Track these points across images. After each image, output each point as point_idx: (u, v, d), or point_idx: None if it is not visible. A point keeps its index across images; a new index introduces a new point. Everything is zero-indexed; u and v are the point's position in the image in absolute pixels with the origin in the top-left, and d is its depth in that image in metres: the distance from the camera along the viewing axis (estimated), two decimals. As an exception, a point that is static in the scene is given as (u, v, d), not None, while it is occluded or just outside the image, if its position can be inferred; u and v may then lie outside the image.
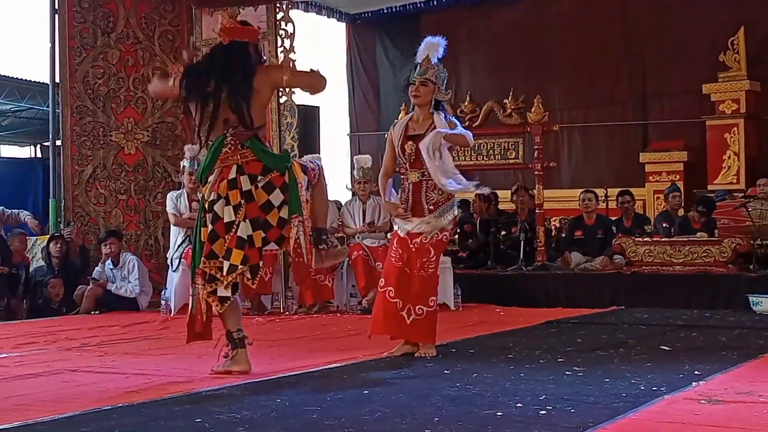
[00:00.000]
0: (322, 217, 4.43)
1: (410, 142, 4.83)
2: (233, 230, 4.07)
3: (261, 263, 4.17)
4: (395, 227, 4.90)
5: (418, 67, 4.89)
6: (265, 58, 4.39)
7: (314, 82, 4.36)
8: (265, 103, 4.31)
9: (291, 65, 4.47)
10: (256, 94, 4.16)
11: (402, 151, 4.87)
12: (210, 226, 4.10)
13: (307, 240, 4.21)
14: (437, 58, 4.87)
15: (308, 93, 4.74)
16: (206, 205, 4.14)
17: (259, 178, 4.11)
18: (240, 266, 4.07)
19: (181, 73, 4.24)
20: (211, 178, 4.14)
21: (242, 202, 4.06)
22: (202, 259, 4.13)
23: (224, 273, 4.08)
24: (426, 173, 4.78)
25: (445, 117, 4.86)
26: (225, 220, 4.07)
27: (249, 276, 4.14)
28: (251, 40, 4.33)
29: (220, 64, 4.19)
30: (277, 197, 4.12)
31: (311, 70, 4.37)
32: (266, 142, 4.27)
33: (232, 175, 4.08)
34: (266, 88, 4.25)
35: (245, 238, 4.06)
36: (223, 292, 4.11)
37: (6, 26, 15.61)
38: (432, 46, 4.87)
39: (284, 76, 4.27)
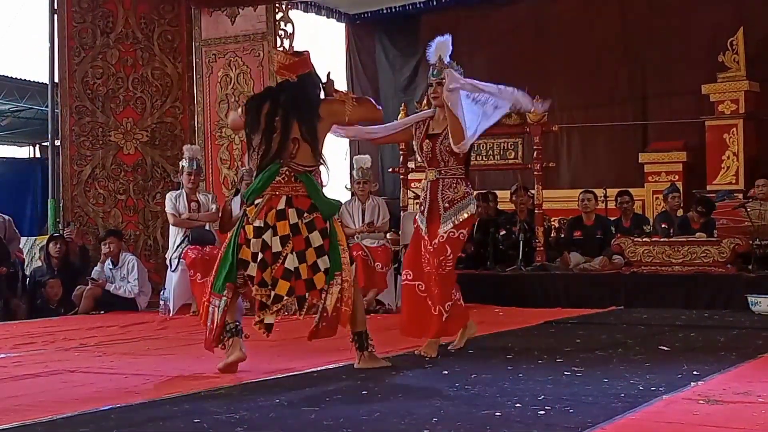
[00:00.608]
0: (363, 321, 4.42)
1: (428, 141, 4.90)
2: (280, 261, 4.12)
3: (308, 295, 4.16)
4: (420, 223, 4.90)
5: (433, 69, 4.94)
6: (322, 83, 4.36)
7: (372, 114, 4.44)
8: (321, 138, 4.27)
9: (351, 98, 4.29)
10: (321, 128, 4.23)
11: (420, 150, 4.94)
12: (260, 255, 4.15)
13: (334, 304, 4.17)
14: (449, 57, 4.92)
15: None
16: (250, 229, 4.18)
17: (305, 214, 4.16)
18: (285, 297, 4.13)
19: (245, 104, 4.37)
20: (258, 202, 4.19)
21: (290, 234, 4.12)
22: (256, 287, 4.18)
23: (270, 302, 4.14)
24: (443, 171, 4.85)
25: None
26: (273, 250, 4.13)
27: (297, 306, 4.19)
28: (311, 69, 4.32)
29: (290, 97, 4.21)
30: (316, 239, 4.15)
31: (366, 99, 4.46)
32: (319, 181, 4.28)
33: (281, 206, 4.14)
34: (327, 123, 4.28)
35: (292, 270, 4.11)
36: (269, 319, 4.18)
37: (5, 26, 15.58)
38: (441, 46, 4.93)
39: (347, 111, 4.27)
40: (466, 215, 4.83)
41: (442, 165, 4.86)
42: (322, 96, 4.32)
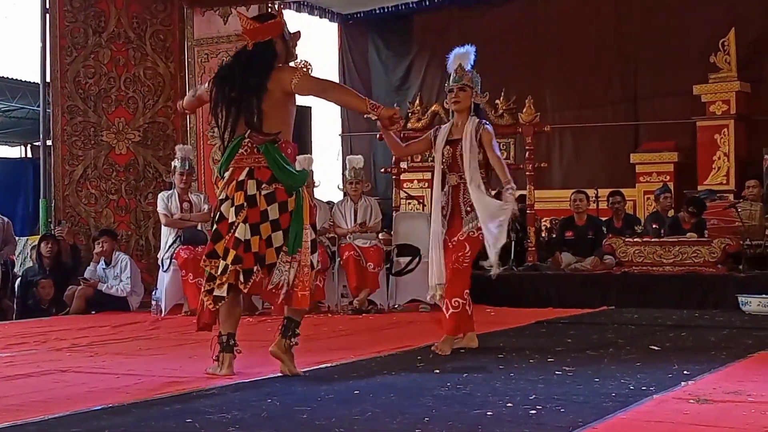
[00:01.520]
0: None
1: (448, 147, 4.98)
2: (233, 230, 4.01)
3: (256, 268, 4.04)
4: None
5: (452, 75, 5.04)
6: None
7: (335, 93, 4.22)
8: (279, 107, 4.08)
9: (304, 67, 4.06)
10: (268, 96, 4.04)
11: (441, 155, 5.01)
12: (215, 226, 4.10)
13: (289, 284, 4.03)
14: (470, 65, 5.02)
15: (332, 103, 4.53)
16: (218, 203, 4.13)
17: (264, 185, 4.02)
18: (230, 265, 3.99)
19: (210, 79, 4.25)
20: (226, 175, 4.11)
21: (245, 204, 4.01)
22: (203, 257, 4.12)
23: (219, 272, 4.03)
24: (463, 177, 4.93)
25: (481, 122, 4.98)
26: (228, 221, 4.04)
27: (242, 279, 4.05)
28: (275, 35, 4.14)
29: (242, 67, 4.09)
30: (273, 211, 4.02)
31: (330, 81, 4.27)
32: (287, 151, 4.09)
33: (242, 177, 4.04)
34: (277, 91, 4.05)
35: (242, 240, 4.00)
36: (217, 291, 4.06)
37: (-3, 26, 15.55)
38: (463, 56, 5.06)
39: (293, 80, 4.03)
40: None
41: (462, 170, 4.94)
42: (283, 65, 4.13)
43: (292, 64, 4.15)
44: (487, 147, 4.89)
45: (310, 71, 4.08)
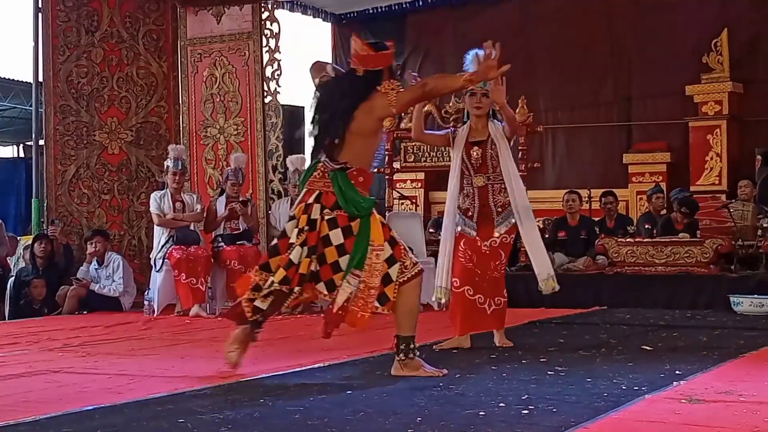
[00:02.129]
0: (406, 326, 4.19)
1: (476, 148, 5.05)
2: (290, 251, 4.04)
3: (296, 290, 4.06)
4: (464, 229, 5.08)
5: None
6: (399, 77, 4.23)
7: (418, 94, 4.17)
8: (367, 132, 4.08)
9: (396, 89, 4.05)
10: (354, 123, 4.04)
11: (468, 157, 5.07)
12: (276, 240, 4.18)
13: (351, 302, 4.02)
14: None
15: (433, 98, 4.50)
16: (288, 218, 4.21)
17: (326, 210, 4.05)
18: (276, 284, 4.03)
19: (315, 91, 4.29)
20: (300, 194, 4.19)
21: (306, 228, 4.04)
22: (256, 267, 4.17)
23: (265, 286, 4.06)
24: (491, 177, 5.04)
25: (502, 123, 5.09)
26: (289, 240, 4.08)
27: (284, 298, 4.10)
28: (385, 66, 4.14)
29: (342, 91, 4.13)
30: (336, 237, 4.03)
31: (411, 86, 4.27)
32: (357, 179, 4.06)
33: (311, 200, 4.08)
34: (367, 120, 4.05)
35: (294, 262, 4.02)
36: (259, 303, 4.10)
37: (-11, 25, 15.51)
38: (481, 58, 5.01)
39: (391, 104, 4.03)
40: (514, 220, 5.06)
41: (490, 171, 5.04)
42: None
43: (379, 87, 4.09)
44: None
45: (399, 89, 4.08)
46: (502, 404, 3.39)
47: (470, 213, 5.07)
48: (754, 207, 8.56)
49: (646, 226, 8.50)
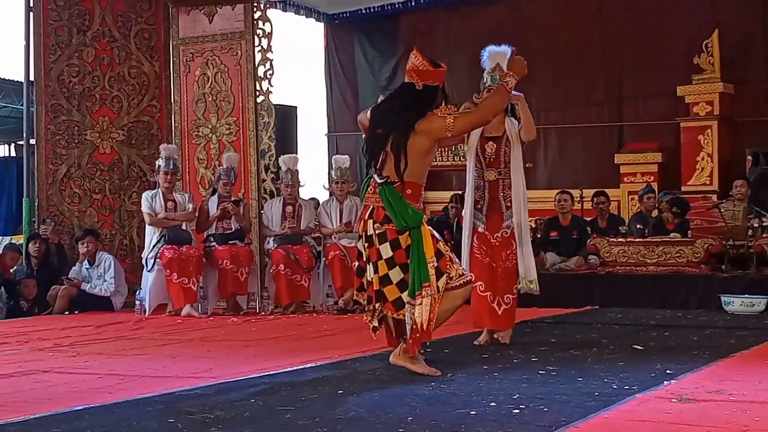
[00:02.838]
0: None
1: (490, 143, 5.19)
2: (366, 272, 4.26)
3: (377, 305, 4.25)
4: (474, 222, 5.22)
5: (491, 75, 5.19)
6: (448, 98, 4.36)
7: (477, 119, 4.34)
8: (421, 152, 4.17)
9: (452, 113, 4.17)
10: (415, 143, 4.13)
11: (482, 152, 5.21)
12: (356, 263, 4.39)
13: (427, 316, 4.06)
14: (504, 66, 5.10)
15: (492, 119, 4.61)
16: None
17: (376, 225, 4.20)
18: (365, 304, 4.32)
19: (375, 106, 4.52)
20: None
21: (367, 245, 4.24)
22: (359, 294, 4.42)
23: (365, 306, 4.33)
24: (502, 172, 5.19)
25: (516, 121, 5.25)
26: (363, 259, 4.29)
27: (375, 313, 4.29)
28: (441, 83, 4.26)
29: (400, 104, 4.22)
30: (386, 250, 4.16)
31: (468, 111, 4.51)
32: (406, 192, 4.15)
33: (366, 216, 4.27)
34: (424, 139, 4.15)
35: (369, 280, 4.25)
36: (370, 323, 4.33)
37: (-20, 24, 15.44)
38: (499, 55, 5.19)
39: (448, 127, 4.13)
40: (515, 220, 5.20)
41: (502, 166, 5.19)
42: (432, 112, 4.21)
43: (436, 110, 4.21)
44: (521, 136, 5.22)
45: (455, 113, 4.22)
46: (493, 403, 3.39)
47: (480, 205, 5.22)
48: (745, 207, 8.58)
49: (638, 226, 8.52)
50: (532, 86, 11.47)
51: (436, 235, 4.25)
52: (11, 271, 8.18)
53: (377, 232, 4.17)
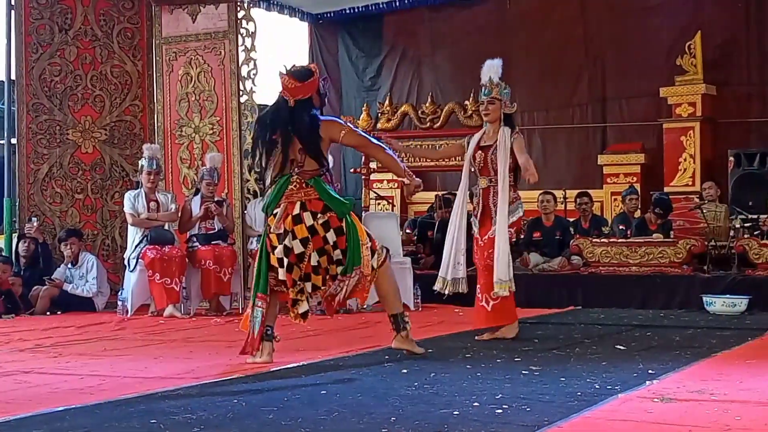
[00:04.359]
0: (396, 302, 4.79)
1: (480, 152, 5.49)
2: (305, 260, 4.53)
3: (324, 287, 4.61)
4: (473, 228, 5.55)
5: (483, 88, 5.54)
6: (327, 95, 4.80)
7: (374, 151, 4.90)
8: (326, 149, 4.66)
9: (348, 126, 4.77)
10: (322, 143, 4.59)
11: (473, 159, 5.51)
12: (285, 259, 4.54)
13: (342, 297, 4.61)
14: (498, 77, 5.48)
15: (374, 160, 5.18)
16: (274, 237, 4.58)
17: (319, 215, 4.53)
18: (322, 287, 4.59)
19: (256, 120, 4.97)
20: (277, 211, 4.60)
21: (309, 236, 4.52)
22: (290, 289, 4.57)
23: (309, 291, 4.58)
24: (493, 180, 5.44)
25: (514, 130, 5.50)
26: (295, 252, 4.52)
27: (310, 292, 4.62)
28: (313, 92, 4.64)
29: (285, 119, 4.59)
30: (331, 235, 4.53)
31: (372, 138, 4.94)
32: (331, 182, 4.65)
33: (296, 211, 4.54)
34: (326, 140, 4.62)
35: (317, 265, 4.55)
36: (303, 308, 4.59)
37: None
38: (492, 68, 5.55)
39: (342, 132, 4.63)
40: (514, 218, 5.47)
41: (492, 174, 5.44)
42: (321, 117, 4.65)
43: (340, 120, 4.83)
44: (518, 152, 5.37)
45: (353, 127, 4.87)
46: (476, 403, 3.39)
47: (476, 211, 5.53)
48: (727, 208, 8.64)
49: (621, 227, 8.56)
50: (515, 87, 11.51)
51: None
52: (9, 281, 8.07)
53: (320, 221, 4.52)
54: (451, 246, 5.53)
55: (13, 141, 8.73)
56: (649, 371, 4.15)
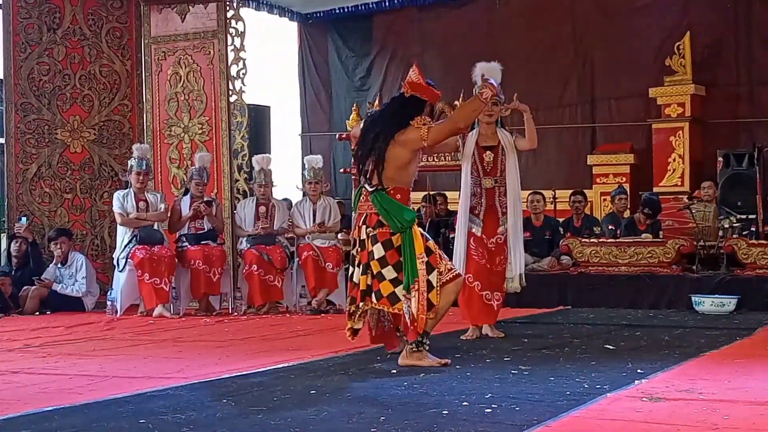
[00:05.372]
0: (432, 323, 4.50)
1: (488, 152, 5.53)
2: (352, 275, 4.55)
3: (361, 305, 4.47)
4: (470, 226, 5.51)
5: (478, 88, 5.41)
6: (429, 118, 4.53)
7: (449, 128, 4.52)
8: (402, 163, 4.40)
9: (427, 124, 4.40)
10: (394, 153, 4.37)
11: (480, 161, 5.54)
12: (351, 269, 4.60)
13: (413, 315, 4.31)
14: (497, 82, 5.37)
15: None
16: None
17: (369, 229, 4.43)
18: (347, 306, 4.60)
19: (365, 119, 4.86)
20: (354, 218, 4.61)
21: (358, 249, 4.50)
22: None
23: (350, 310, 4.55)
24: (498, 180, 5.51)
25: (513, 131, 5.69)
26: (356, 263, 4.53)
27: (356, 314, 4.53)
28: (430, 101, 4.50)
29: (389, 114, 4.47)
30: (378, 250, 4.39)
31: (442, 121, 4.67)
32: (396, 197, 4.38)
33: (360, 223, 4.50)
34: (402, 149, 4.37)
35: (355, 282, 4.50)
36: (355, 324, 4.53)
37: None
38: (492, 70, 5.47)
39: (423, 138, 4.34)
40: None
41: (498, 174, 5.52)
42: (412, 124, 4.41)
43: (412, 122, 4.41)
44: (525, 142, 5.63)
45: (430, 124, 4.42)
46: (465, 403, 3.40)
47: (477, 211, 5.52)
48: (716, 208, 8.67)
49: (610, 227, 8.58)
50: (505, 88, 11.52)
51: (426, 234, 4.48)
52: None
53: (370, 235, 4.40)
54: (460, 248, 5.56)
55: (2, 140, 8.69)
56: (638, 371, 4.16)
